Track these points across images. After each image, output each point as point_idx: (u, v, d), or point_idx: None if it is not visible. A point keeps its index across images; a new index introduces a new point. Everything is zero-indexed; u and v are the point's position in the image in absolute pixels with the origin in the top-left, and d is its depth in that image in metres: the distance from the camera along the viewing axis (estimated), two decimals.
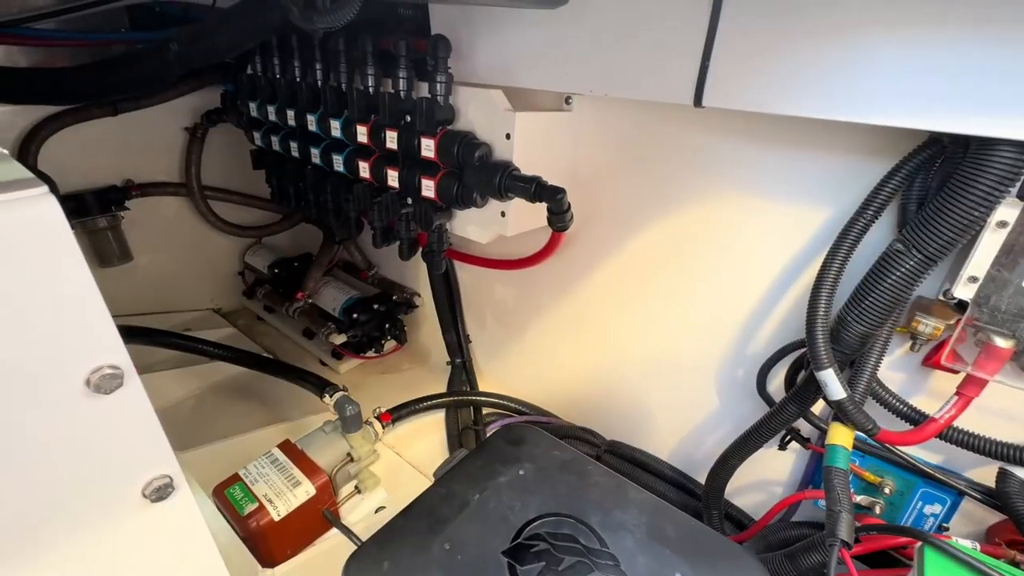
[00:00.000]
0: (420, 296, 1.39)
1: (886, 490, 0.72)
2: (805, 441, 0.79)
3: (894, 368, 0.71)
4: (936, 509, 0.70)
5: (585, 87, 0.76)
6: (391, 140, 0.87)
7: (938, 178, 0.58)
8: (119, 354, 0.39)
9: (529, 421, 1.15)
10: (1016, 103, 0.47)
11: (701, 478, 0.97)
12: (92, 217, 1.28)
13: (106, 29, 1.37)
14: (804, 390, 0.68)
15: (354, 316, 1.26)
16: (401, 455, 1.12)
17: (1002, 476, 0.62)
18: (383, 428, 1.02)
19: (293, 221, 1.63)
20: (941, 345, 0.65)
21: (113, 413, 0.39)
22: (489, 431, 1.15)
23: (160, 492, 0.44)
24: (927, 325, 0.63)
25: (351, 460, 0.93)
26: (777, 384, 0.82)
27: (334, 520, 0.86)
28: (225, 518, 0.82)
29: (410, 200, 0.91)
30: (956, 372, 0.60)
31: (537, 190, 0.74)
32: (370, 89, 0.89)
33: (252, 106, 1.17)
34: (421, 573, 0.40)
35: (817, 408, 0.76)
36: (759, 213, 0.77)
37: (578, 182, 0.93)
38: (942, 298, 0.63)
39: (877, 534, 0.62)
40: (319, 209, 1.14)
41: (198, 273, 1.58)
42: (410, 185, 0.87)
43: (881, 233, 0.66)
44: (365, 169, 0.94)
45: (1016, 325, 0.54)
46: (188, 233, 1.51)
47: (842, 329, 0.61)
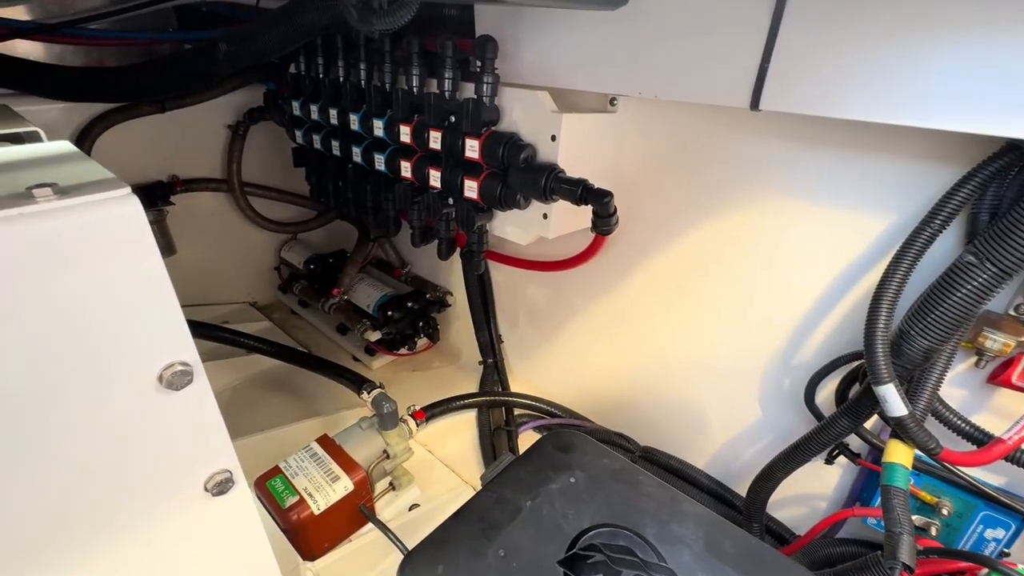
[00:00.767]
0: (452, 295, 1.40)
1: (943, 511, 0.70)
2: (855, 456, 0.77)
3: (956, 384, 0.68)
4: (998, 534, 0.67)
5: (634, 89, 0.75)
6: (435, 140, 0.87)
7: (1015, 187, 0.55)
8: (190, 351, 0.39)
9: (561, 424, 1.15)
10: None
11: (740, 489, 0.95)
12: None
13: (154, 29, 1.42)
14: (858, 404, 0.66)
15: (389, 313, 1.27)
16: (433, 453, 1.13)
17: None
18: (417, 426, 1.03)
19: (328, 218, 1.65)
20: (1010, 362, 0.62)
21: (182, 409, 0.40)
22: (521, 432, 1.15)
23: (221, 486, 0.45)
24: (995, 341, 0.60)
25: (387, 457, 0.94)
26: (825, 396, 0.80)
27: (371, 516, 0.87)
28: (266, 508, 0.83)
29: (451, 200, 0.91)
30: None
31: (584, 193, 0.73)
32: (414, 89, 0.90)
33: (295, 105, 1.19)
34: None
35: (868, 422, 0.73)
36: (812, 219, 0.75)
37: (619, 185, 0.92)
38: (1013, 313, 0.60)
39: (937, 558, 0.59)
40: (358, 207, 1.15)
41: (236, 267, 1.62)
42: (452, 186, 0.87)
43: (946, 244, 0.63)
44: (407, 169, 0.95)
45: None
46: (227, 228, 1.55)
47: (904, 343, 0.59)
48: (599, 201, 0.72)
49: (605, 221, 0.75)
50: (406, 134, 0.92)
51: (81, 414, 0.36)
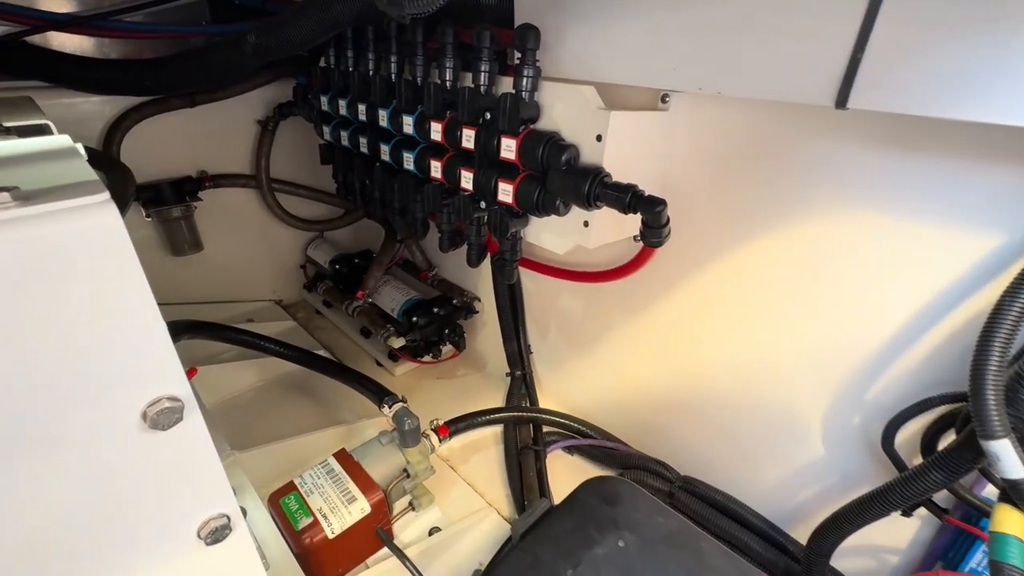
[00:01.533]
0: (480, 301, 1.33)
1: None
2: (942, 512, 0.66)
3: None
4: None
5: (694, 84, 0.66)
6: (467, 139, 0.81)
7: None
8: (180, 385, 0.34)
9: (594, 445, 1.07)
10: None
11: (795, 532, 0.85)
12: (168, 207, 1.30)
13: (188, 22, 1.40)
14: (956, 457, 0.56)
15: (413, 319, 1.22)
16: (456, 470, 1.06)
17: None
18: (439, 441, 0.97)
19: (356, 217, 1.61)
20: None
21: (170, 450, 0.35)
22: (549, 451, 1.07)
23: (216, 534, 0.39)
24: None
25: (407, 476, 0.88)
26: (905, 439, 0.69)
27: (388, 541, 0.81)
28: (279, 528, 0.78)
29: (483, 204, 0.84)
30: None
31: (633, 200, 0.65)
32: (448, 83, 0.83)
33: (323, 99, 1.14)
34: None
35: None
36: (898, 235, 0.65)
37: (667, 190, 0.83)
38: None
39: None
40: (385, 208, 1.09)
41: (262, 264, 1.59)
42: (485, 188, 0.81)
43: None
44: (437, 168, 0.89)
45: None
46: (254, 224, 1.52)
47: (1022, 389, 0.49)
48: (651, 210, 0.64)
49: (656, 232, 0.67)
50: (437, 131, 0.86)
51: (49, 460, 0.30)
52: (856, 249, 0.69)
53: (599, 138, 0.71)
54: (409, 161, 0.95)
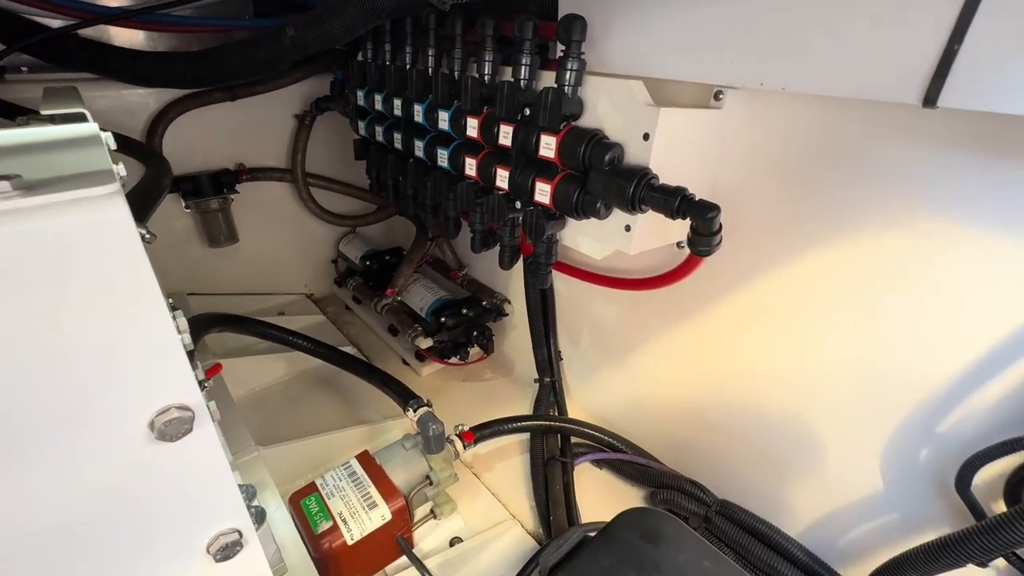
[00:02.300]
0: (511, 303, 1.30)
1: None
2: None
3: None
4: None
5: (755, 79, 0.61)
6: (505, 136, 0.77)
7: None
8: (191, 393, 0.31)
9: (624, 461, 1.01)
10: None
11: (843, 570, 0.78)
12: (206, 199, 1.32)
13: (232, 16, 1.41)
14: None
15: (442, 319, 1.19)
16: (479, 477, 1.03)
17: None
18: (464, 448, 0.94)
19: (388, 213, 1.60)
20: None
21: (179, 462, 0.32)
22: (577, 464, 1.03)
23: (226, 550, 0.37)
24: None
25: (429, 483, 0.86)
26: (981, 481, 0.62)
27: (408, 551, 0.78)
28: (298, 529, 0.77)
29: (519, 204, 0.80)
30: None
31: (683, 205, 0.60)
32: (486, 78, 0.80)
33: (359, 94, 1.13)
34: None
35: None
36: (984, 250, 0.57)
37: (717, 193, 0.78)
38: None
39: None
40: (417, 205, 1.07)
41: (294, 258, 1.60)
42: (522, 188, 0.77)
43: None
44: (472, 166, 0.85)
45: None
46: (288, 218, 1.53)
47: None
48: (702, 216, 0.59)
49: (706, 240, 0.62)
50: (473, 128, 0.82)
51: (49, 469, 0.28)
52: (932, 264, 0.62)
53: (646, 137, 0.66)
54: (443, 158, 0.92)
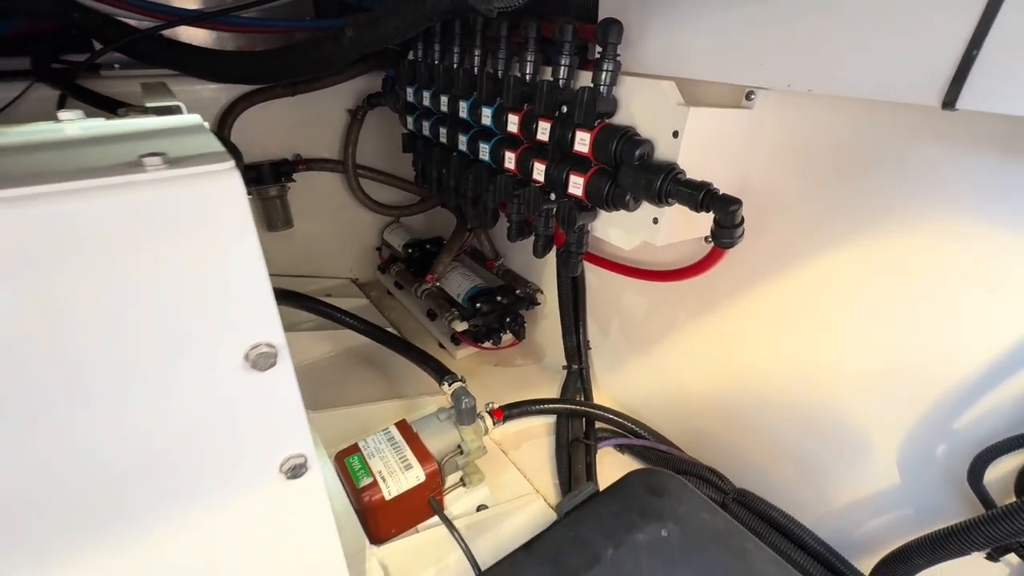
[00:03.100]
0: (543, 293, 1.35)
1: None
2: None
3: None
4: None
5: (783, 81, 0.64)
6: (543, 131, 0.82)
7: None
8: (277, 334, 0.38)
9: (646, 447, 1.05)
10: None
11: (858, 562, 0.80)
12: (266, 186, 1.43)
13: (294, 18, 1.53)
14: None
15: (477, 305, 1.26)
16: (507, 454, 1.09)
17: None
18: (493, 424, 1.00)
19: (430, 204, 1.68)
20: None
21: (265, 390, 0.40)
22: (600, 447, 1.07)
23: (296, 471, 0.44)
24: None
25: (460, 452, 0.93)
26: (997, 477, 0.63)
27: (438, 510, 0.85)
28: (342, 483, 0.85)
29: (553, 196, 0.86)
30: None
31: (706, 199, 0.64)
32: (527, 76, 0.85)
33: (409, 91, 1.20)
34: None
35: None
36: (1005, 251, 0.59)
37: (746, 190, 0.81)
38: None
39: None
40: (458, 196, 1.14)
41: (342, 244, 1.71)
42: (556, 180, 0.82)
43: None
44: (511, 160, 0.91)
45: None
46: (338, 207, 1.64)
47: None
48: (724, 209, 0.63)
49: (729, 232, 0.65)
50: (514, 123, 0.88)
51: (167, 386, 0.36)
52: (958, 265, 0.63)
53: (675, 134, 0.70)
54: (485, 152, 0.98)
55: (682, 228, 0.78)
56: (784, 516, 0.87)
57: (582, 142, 0.77)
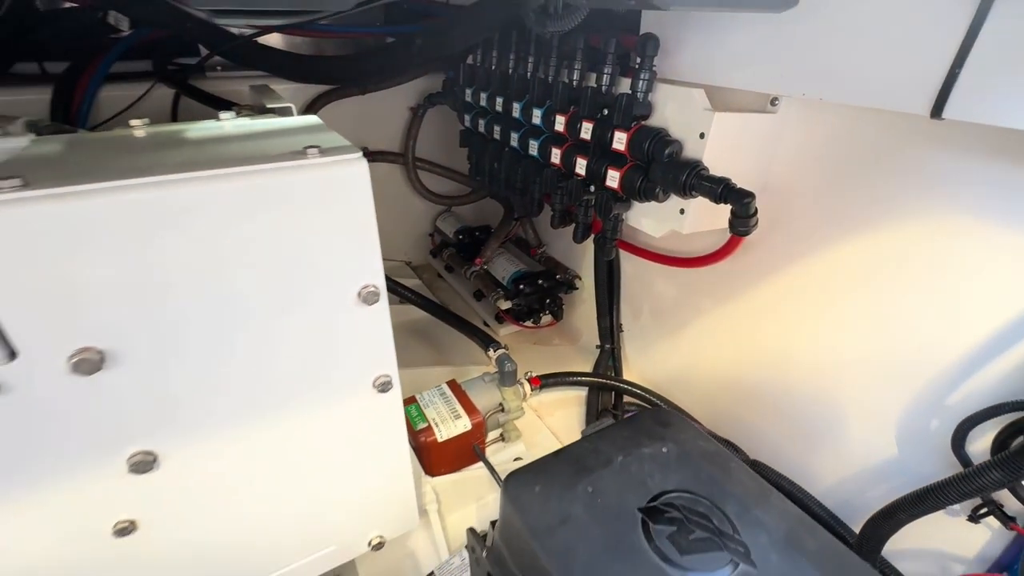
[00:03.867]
0: (581, 279, 1.47)
1: None
2: (1008, 519, 0.67)
3: None
4: None
5: (798, 89, 0.73)
6: (585, 131, 0.94)
7: None
8: (380, 278, 0.53)
9: None
10: None
11: (857, 528, 0.88)
12: None
13: (366, 24, 1.70)
14: (1018, 458, 0.58)
15: (520, 287, 1.39)
16: (542, 418, 1.22)
17: None
18: (531, 390, 1.13)
19: (480, 195, 1.83)
20: None
21: (369, 321, 0.54)
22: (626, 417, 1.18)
23: (384, 387, 0.59)
24: None
25: (501, 410, 1.06)
26: (980, 448, 0.70)
27: (481, 455, 0.99)
28: None
29: (593, 188, 0.97)
30: None
31: (724, 192, 0.74)
32: (574, 82, 0.97)
33: (468, 91, 1.34)
34: (565, 503, 0.48)
35: None
36: (995, 246, 0.66)
37: (768, 188, 0.90)
38: None
39: None
40: (508, 187, 1.27)
41: (399, 230, 1.88)
42: (596, 174, 0.94)
43: None
44: (556, 155, 1.03)
45: None
46: (397, 195, 1.81)
47: None
48: (739, 201, 0.73)
49: (743, 221, 0.75)
50: (560, 123, 1.00)
51: (310, 310, 0.51)
52: (951, 257, 0.70)
53: (702, 135, 0.80)
54: (534, 148, 1.11)
55: (706, 219, 0.88)
56: (792, 485, 0.96)
57: (619, 141, 0.88)
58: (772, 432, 1.02)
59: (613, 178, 0.90)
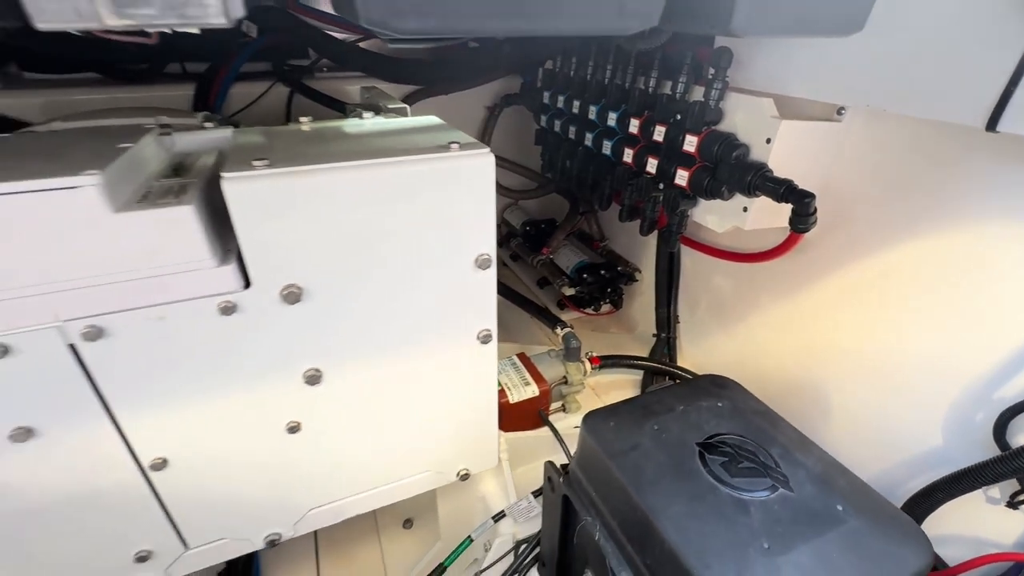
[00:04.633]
0: (640, 272, 1.56)
1: None
2: None
3: None
4: None
5: (863, 101, 0.81)
6: (659, 134, 1.04)
7: None
8: (493, 248, 0.66)
9: None
10: None
11: None
12: None
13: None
14: None
15: (584, 276, 1.50)
16: (599, 396, 1.33)
17: None
18: (591, 369, 1.25)
19: (547, 191, 1.95)
20: None
21: (481, 282, 0.68)
22: None
23: (486, 339, 0.73)
24: None
25: (565, 383, 1.18)
26: (1022, 439, 0.76)
27: (546, 419, 1.12)
28: None
29: (662, 186, 1.07)
30: None
31: (786, 191, 0.82)
32: (650, 89, 1.07)
33: (546, 94, 1.47)
34: (635, 435, 0.59)
35: None
36: None
37: (829, 191, 0.96)
38: None
39: None
40: (579, 184, 1.39)
41: None
42: (666, 173, 1.04)
43: None
44: (629, 155, 1.14)
45: None
46: None
47: None
48: (800, 200, 0.81)
49: (803, 220, 0.83)
50: (635, 126, 1.11)
51: (436, 274, 0.65)
52: (1008, 264, 0.76)
53: (768, 141, 0.88)
54: (607, 148, 1.21)
55: (767, 217, 0.96)
56: None
57: (690, 144, 0.97)
58: (823, 425, 1.08)
59: (682, 177, 1.00)
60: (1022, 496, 0.75)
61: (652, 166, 1.07)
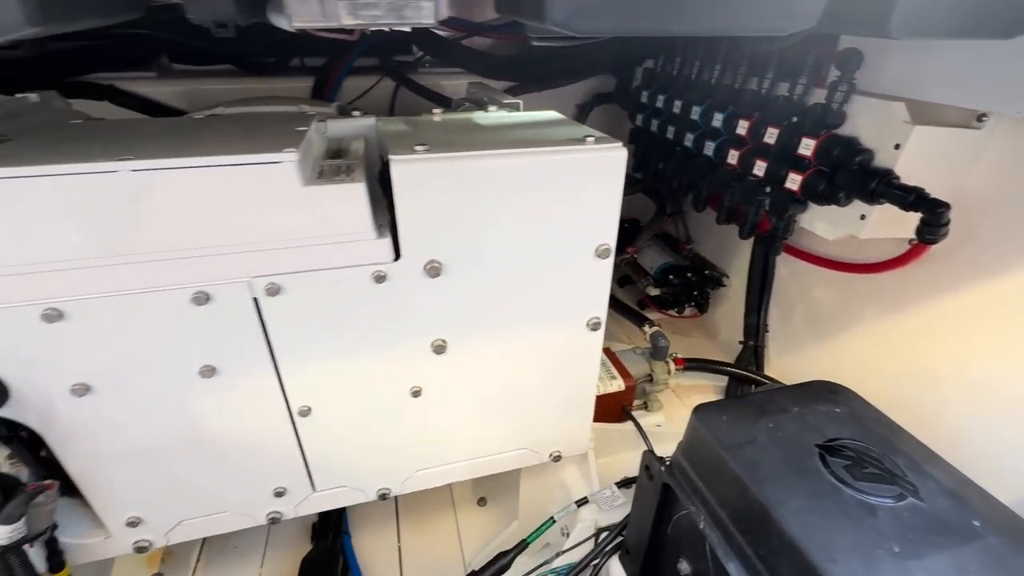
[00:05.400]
0: (728, 278, 1.53)
1: None
2: None
3: None
4: None
5: (1012, 108, 0.76)
6: (770, 136, 1.02)
7: None
8: (614, 239, 0.69)
9: None
10: None
11: None
12: None
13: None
14: None
15: (669, 277, 1.50)
16: (680, 399, 1.33)
17: None
18: (675, 369, 1.24)
19: (633, 191, 1.94)
20: None
21: (599, 271, 0.71)
22: None
23: (595, 326, 0.76)
24: None
25: (649, 380, 1.19)
26: None
27: (629, 414, 1.14)
28: None
29: (768, 189, 1.05)
30: None
31: (916, 200, 0.79)
32: (763, 90, 1.05)
33: (644, 93, 1.47)
34: (750, 430, 0.60)
35: None
36: None
37: (960, 201, 0.90)
38: None
39: None
40: (673, 183, 1.38)
41: None
42: (776, 176, 1.01)
43: None
44: (734, 157, 1.12)
45: None
46: None
47: None
48: (932, 210, 0.77)
49: (934, 230, 0.79)
50: (743, 128, 1.09)
51: (561, 260, 0.69)
52: None
53: (897, 146, 0.85)
54: (709, 148, 1.20)
55: (887, 227, 0.92)
56: None
57: (806, 147, 0.95)
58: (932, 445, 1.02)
59: (794, 181, 0.98)
60: None
61: (760, 168, 1.06)
